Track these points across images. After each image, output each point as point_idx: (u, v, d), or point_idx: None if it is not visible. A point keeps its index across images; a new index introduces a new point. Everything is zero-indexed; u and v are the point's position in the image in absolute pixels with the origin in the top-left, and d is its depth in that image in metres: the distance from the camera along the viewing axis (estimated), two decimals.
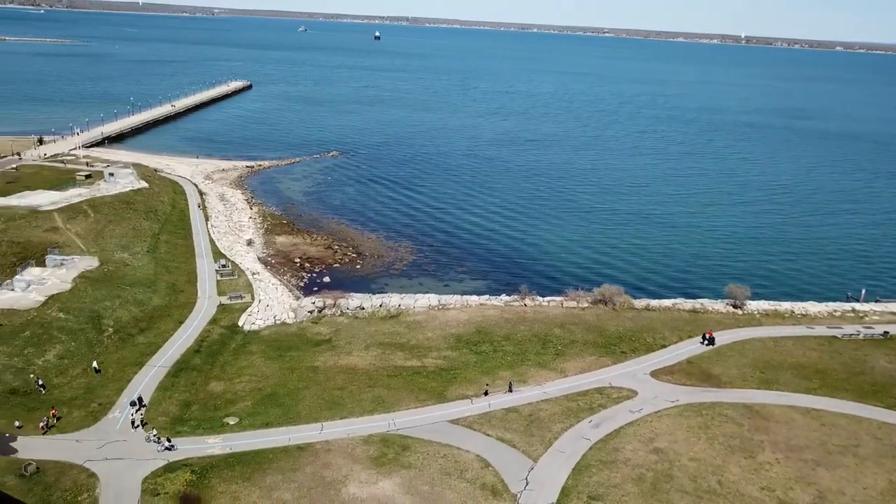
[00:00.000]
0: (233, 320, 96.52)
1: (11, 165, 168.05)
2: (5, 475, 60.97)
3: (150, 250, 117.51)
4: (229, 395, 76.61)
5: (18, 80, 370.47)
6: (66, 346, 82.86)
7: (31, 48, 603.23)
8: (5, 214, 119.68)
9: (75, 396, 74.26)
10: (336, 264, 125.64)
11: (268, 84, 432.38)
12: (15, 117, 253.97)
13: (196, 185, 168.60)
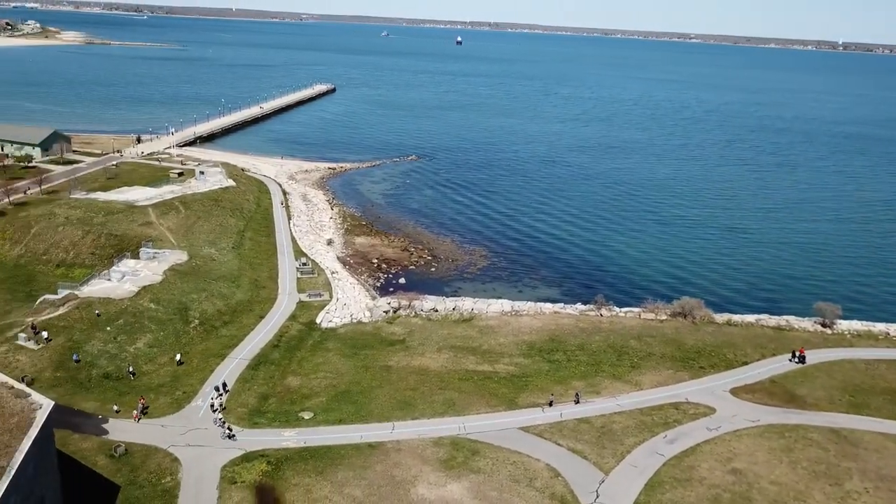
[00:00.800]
0: (311, 317, 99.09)
1: (112, 162, 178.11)
2: (97, 455, 64.62)
3: (235, 247, 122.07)
4: (305, 391, 78.68)
5: (121, 83, 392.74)
6: (155, 336, 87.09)
7: (133, 52, 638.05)
8: (105, 208, 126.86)
9: (162, 384, 77.93)
10: (412, 266, 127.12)
11: (351, 87, 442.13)
12: (117, 117, 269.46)
13: (280, 185, 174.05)
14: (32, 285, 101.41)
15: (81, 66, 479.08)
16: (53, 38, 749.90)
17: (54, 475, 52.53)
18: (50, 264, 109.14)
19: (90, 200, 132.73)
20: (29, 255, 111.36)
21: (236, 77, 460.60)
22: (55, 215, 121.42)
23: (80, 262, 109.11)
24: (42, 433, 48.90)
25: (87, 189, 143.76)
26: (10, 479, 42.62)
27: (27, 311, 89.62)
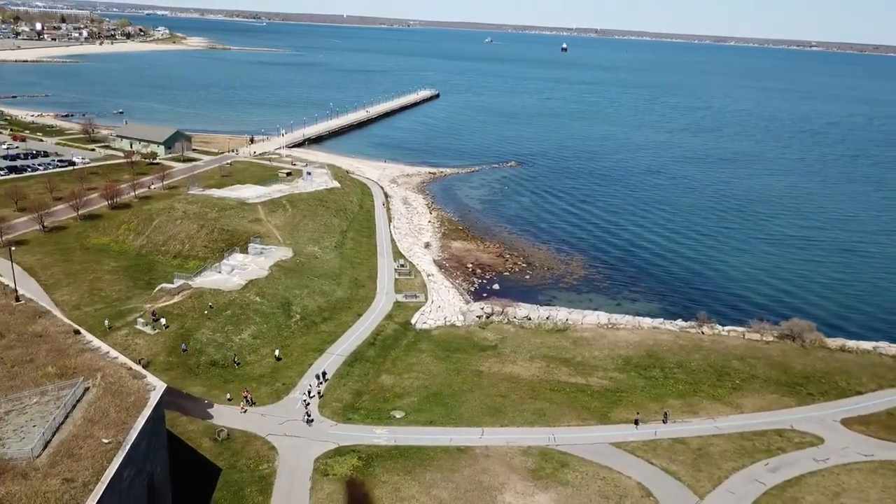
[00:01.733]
0: (406, 318, 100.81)
1: (227, 161, 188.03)
2: (202, 437, 68.30)
3: (337, 246, 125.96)
4: (398, 390, 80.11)
5: (238, 86, 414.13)
6: (259, 328, 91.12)
7: (251, 57, 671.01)
8: (219, 205, 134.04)
9: (263, 374, 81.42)
10: (506, 272, 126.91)
11: (454, 93, 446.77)
12: (233, 118, 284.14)
13: (382, 188, 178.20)
14: (151, 274, 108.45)
15: (203, 70, 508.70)
16: (180, 44, 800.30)
17: (164, 453, 55.88)
18: (168, 255, 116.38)
19: (206, 196, 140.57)
20: (150, 246, 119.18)
21: (345, 81, 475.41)
22: (174, 209, 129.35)
23: (195, 255, 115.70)
24: (154, 413, 52.14)
25: (203, 185, 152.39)
26: (126, 454, 45.71)
27: (146, 297, 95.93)
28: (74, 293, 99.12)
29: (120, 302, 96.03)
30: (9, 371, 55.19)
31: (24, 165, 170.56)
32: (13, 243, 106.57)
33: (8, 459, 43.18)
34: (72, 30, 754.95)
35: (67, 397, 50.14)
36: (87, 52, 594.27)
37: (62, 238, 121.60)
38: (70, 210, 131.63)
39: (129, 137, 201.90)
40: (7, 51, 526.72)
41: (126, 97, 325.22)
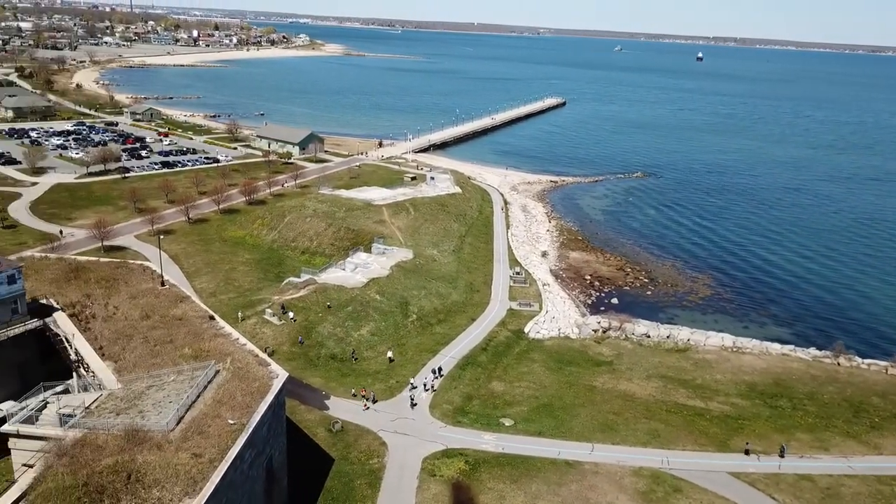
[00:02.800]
0: (520, 326, 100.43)
1: (356, 164, 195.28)
2: (318, 427, 71.21)
3: (455, 250, 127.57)
4: (508, 397, 79.94)
5: (370, 91, 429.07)
6: (377, 325, 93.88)
7: (384, 63, 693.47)
8: (347, 205, 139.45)
9: (378, 371, 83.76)
10: (626, 287, 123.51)
11: (581, 102, 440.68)
12: (364, 122, 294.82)
13: (502, 195, 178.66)
14: (281, 267, 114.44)
15: (338, 75, 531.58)
16: (318, 50, 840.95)
17: (282, 439, 58.78)
18: (296, 250, 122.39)
19: (335, 196, 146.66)
20: (281, 241, 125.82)
21: (472, 89, 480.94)
22: (305, 207, 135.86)
23: (321, 251, 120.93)
24: (276, 400, 54.98)
25: (333, 186, 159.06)
26: (248, 436, 48.51)
27: (274, 290, 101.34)
28: (212, 281, 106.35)
29: (251, 292, 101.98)
30: (152, 350, 60.09)
31: (175, 161, 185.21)
32: (162, 232, 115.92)
33: (147, 431, 46.97)
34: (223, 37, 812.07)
35: (200, 378, 53.85)
36: (235, 57, 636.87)
37: (204, 230, 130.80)
38: (212, 204, 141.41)
39: (267, 138, 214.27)
40: (167, 56, 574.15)
41: (267, 100, 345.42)
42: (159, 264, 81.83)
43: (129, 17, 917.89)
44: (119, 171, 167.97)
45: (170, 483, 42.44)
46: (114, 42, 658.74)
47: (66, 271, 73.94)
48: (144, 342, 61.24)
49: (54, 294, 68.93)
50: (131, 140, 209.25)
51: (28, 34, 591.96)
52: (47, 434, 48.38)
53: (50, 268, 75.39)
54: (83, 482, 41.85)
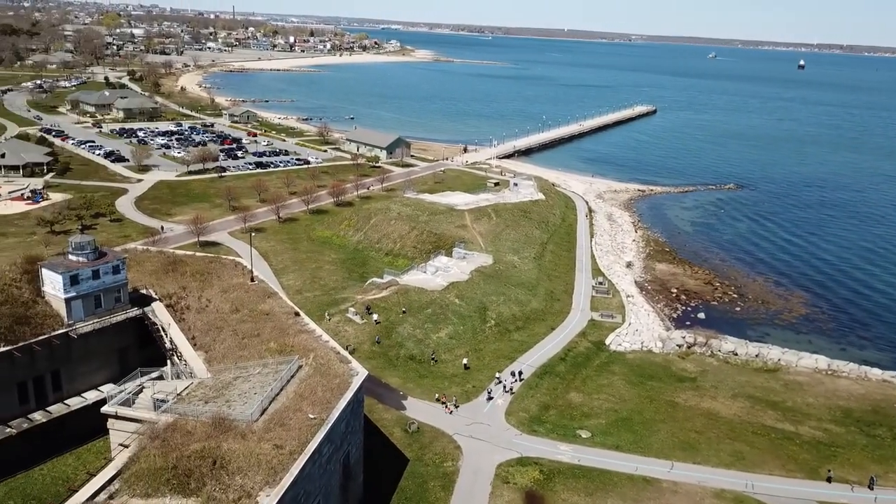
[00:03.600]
0: (600, 337, 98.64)
1: (441, 168, 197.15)
2: (394, 427, 72.20)
3: (536, 257, 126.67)
4: (585, 409, 78.66)
5: (457, 97, 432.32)
6: (455, 329, 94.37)
7: (471, 69, 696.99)
8: (430, 209, 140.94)
9: (455, 374, 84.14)
10: (714, 302, 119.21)
11: (672, 110, 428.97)
12: (450, 128, 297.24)
13: (587, 203, 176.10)
14: (365, 268, 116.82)
15: (426, 81, 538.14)
16: (408, 56, 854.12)
17: (360, 436, 59.96)
18: (380, 252, 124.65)
19: (419, 200, 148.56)
20: (366, 242, 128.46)
21: (560, 95, 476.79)
22: (390, 210, 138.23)
23: (404, 254, 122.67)
24: (355, 397, 56.16)
25: (417, 190, 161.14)
26: (327, 431, 49.75)
27: (358, 289, 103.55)
28: (298, 279, 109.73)
29: (335, 291, 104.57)
30: (240, 342, 62.59)
31: (268, 162, 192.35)
32: (254, 230, 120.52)
33: (232, 420, 48.94)
34: (318, 42, 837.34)
35: (284, 372, 55.67)
36: (328, 62, 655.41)
37: (293, 229, 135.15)
38: (302, 204, 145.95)
39: (356, 141, 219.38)
40: (264, 61, 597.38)
41: (357, 104, 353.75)
42: (250, 261, 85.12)
43: (231, 24, 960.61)
44: (216, 171, 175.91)
45: (252, 471, 44.05)
46: (216, 47, 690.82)
47: (165, 264, 78.03)
48: (233, 335, 63.86)
49: (153, 285, 72.87)
50: (228, 141, 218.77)
51: (140, 40, 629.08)
52: (142, 417, 51.20)
53: (150, 260, 79.77)
54: (172, 465, 44.03)
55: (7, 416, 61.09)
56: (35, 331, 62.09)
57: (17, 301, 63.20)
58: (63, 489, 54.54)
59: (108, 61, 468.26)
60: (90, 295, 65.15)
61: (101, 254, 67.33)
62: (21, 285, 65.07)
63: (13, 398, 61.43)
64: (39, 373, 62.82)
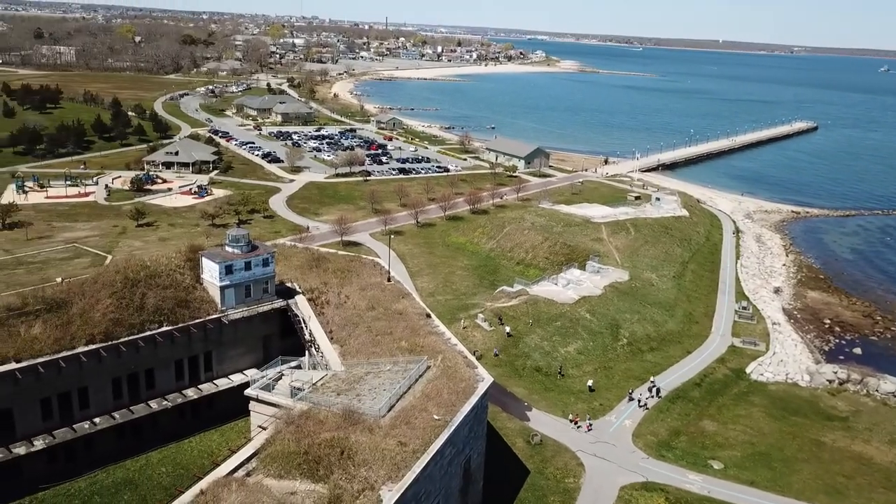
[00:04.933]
0: (741, 365, 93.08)
1: (579, 180, 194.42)
2: (517, 437, 71.97)
3: (675, 276, 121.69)
4: (719, 439, 74.53)
5: (600, 108, 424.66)
6: (585, 344, 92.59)
7: (618, 80, 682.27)
8: (565, 220, 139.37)
9: (582, 390, 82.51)
10: (873, 336, 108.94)
11: (836, 128, 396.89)
12: (590, 139, 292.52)
13: (734, 222, 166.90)
14: (496, 276, 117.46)
15: (570, 91, 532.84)
16: (553, 66, 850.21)
17: (482, 442, 60.33)
18: (512, 261, 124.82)
19: (554, 211, 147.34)
20: (498, 250, 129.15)
21: (712, 109, 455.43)
22: (524, 220, 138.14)
23: (535, 264, 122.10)
24: (480, 403, 56.60)
25: (553, 201, 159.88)
26: (450, 433, 50.50)
27: (487, 296, 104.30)
28: (432, 282, 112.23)
29: (466, 296, 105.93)
30: (373, 339, 64.99)
31: (410, 168, 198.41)
32: (393, 233, 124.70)
33: (361, 413, 50.90)
34: (464, 52, 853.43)
35: (412, 371, 57.16)
36: (472, 72, 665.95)
37: (430, 233, 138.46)
38: (439, 210, 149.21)
39: (495, 150, 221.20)
40: (412, 70, 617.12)
41: (499, 114, 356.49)
42: (388, 261, 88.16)
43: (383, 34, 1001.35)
44: (362, 174, 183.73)
45: (376, 465, 45.58)
46: (368, 56, 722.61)
47: (310, 260, 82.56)
48: (367, 331, 66.42)
49: (297, 279, 77.31)
50: (374, 146, 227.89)
51: (300, 49, 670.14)
52: (280, 402, 54.47)
53: (297, 256, 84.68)
54: (304, 450, 46.49)
55: (165, 390, 67.11)
56: (193, 314, 67.80)
57: (180, 286, 69.29)
58: (207, 462, 59.11)
59: (271, 69, 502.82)
60: (242, 284, 70.21)
61: (254, 247, 72.39)
62: (184, 272, 71.26)
63: (171, 375, 67.40)
64: (194, 353, 68.51)
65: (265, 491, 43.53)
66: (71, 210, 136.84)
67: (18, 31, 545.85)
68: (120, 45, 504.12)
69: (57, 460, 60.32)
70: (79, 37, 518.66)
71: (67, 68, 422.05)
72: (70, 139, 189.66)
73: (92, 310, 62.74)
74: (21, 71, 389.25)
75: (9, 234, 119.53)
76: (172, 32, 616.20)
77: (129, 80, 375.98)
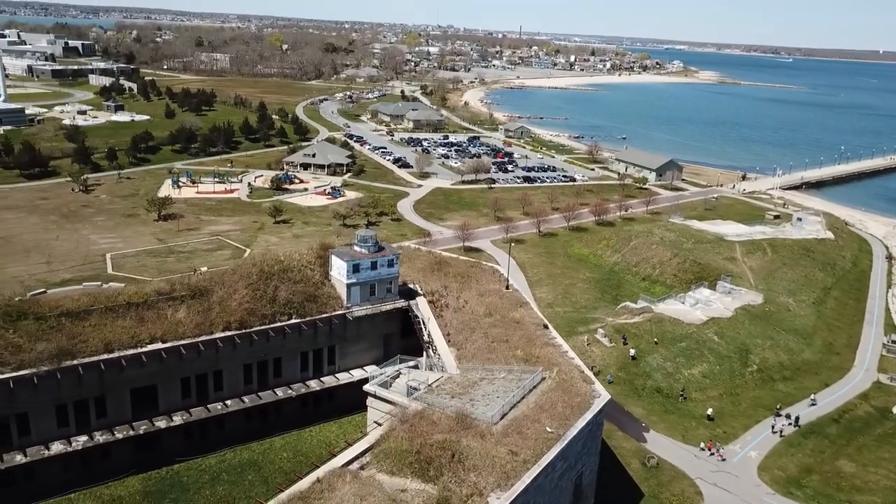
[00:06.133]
0: (886, 403, 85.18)
1: (713, 195, 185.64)
2: (632, 458, 69.70)
3: (815, 302, 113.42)
4: (858, 482, 68.60)
5: (740, 122, 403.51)
6: (711, 367, 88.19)
7: (761, 93, 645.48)
8: (696, 237, 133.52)
9: (704, 415, 78.60)
10: None
11: None
12: (727, 153, 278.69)
13: (887, 248, 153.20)
14: (619, 290, 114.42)
15: (708, 104, 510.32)
16: (691, 77, 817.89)
17: (595, 459, 58.94)
18: (637, 276, 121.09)
19: (685, 227, 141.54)
20: (622, 264, 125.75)
21: (868, 125, 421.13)
22: (652, 234, 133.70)
23: (662, 281, 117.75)
24: (595, 419, 55.34)
25: (684, 216, 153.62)
26: (563, 447, 49.73)
27: (609, 311, 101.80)
28: (551, 293, 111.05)
29: (586, 310, 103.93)
30: (489, 345, 65.24)
31: (535, 177, 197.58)
32: (514, 241, 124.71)
33: (474, 418, 51.21)
34: (598, 62, 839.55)
35: (527, 381, 56.82)
36: (605, 81, 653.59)
37: (551, 243, 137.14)
38: (562, 220, 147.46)
39: (625, 161, 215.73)
40: (543, 79, 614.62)
41: (631, 124, 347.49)
42: (507, 269, 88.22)
43: (516, 43, 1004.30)
44: (487, 182, 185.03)
45: (486, 471, 45.68)
46: (500, 65, 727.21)
47: (432, 263, 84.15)
48: (484, 337, 66.76)
49: (419, 281, 78.99)
50: (501, 154, 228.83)
51: (434, 57, 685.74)
52: (396, 401, 55.86)
53: (420, 258, 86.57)
54: (416, 450, 47.38)
55: (290, 379, 70.63)
56: (320, 309, 70.93)
57: (310, 281, 72.73)
58: (325, 452, 61.58)
59: (405, 76, 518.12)
60: (367, 283, 72.67)
61: (380, 248, 74.73)
62: (314, 268, 74.73)
63: (296, 365, 70.86)
64: (319, 346, 71.63)
65: (377, 486, 44.75)
66: (217, 205, 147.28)
67: (182, 40, 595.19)
68: (269, 52, 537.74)
69: (192, 436, 65.00)
70: (233, 45, 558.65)
71: (221, 74, 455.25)
72: (220, 139, 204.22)
73: (230, 299, 67.17)
74: (182, 76, 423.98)
75: (163, 225, 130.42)
76: (316, 41, 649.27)
77: (275, 86, 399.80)
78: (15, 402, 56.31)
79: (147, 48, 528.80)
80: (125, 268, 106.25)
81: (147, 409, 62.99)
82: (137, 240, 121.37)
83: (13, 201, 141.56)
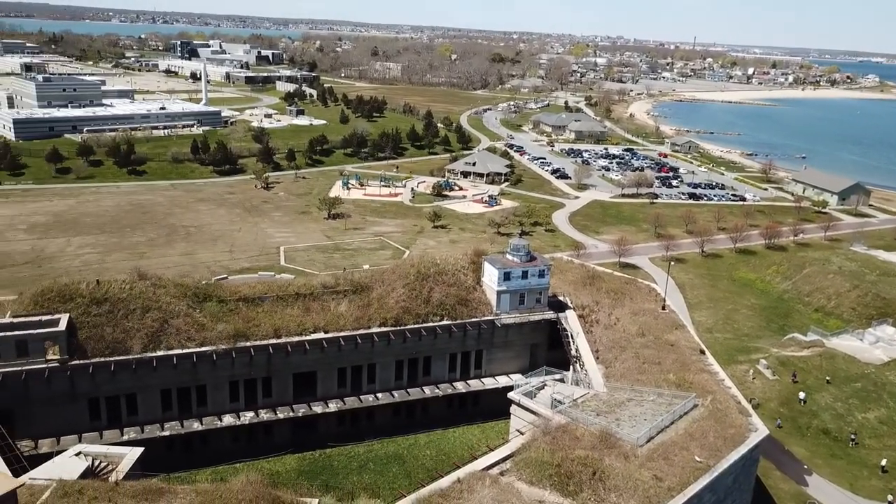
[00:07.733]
0: None
1: None
2: (790, 501, 64.64)
3: None
4: None
5: None
6: (890, 413, 79.68)
7: None
8: (882, 268, 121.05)
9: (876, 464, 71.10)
10: None
11: None
12: None
13: None
14: (786, 320, 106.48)
15: None
16: (888, 93, 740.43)
17: (748, 496, 55.46)
18: (809, 306, 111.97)
19: (868, 257, 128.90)
20: (793, 293, 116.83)
21: None
22: (830, 262, 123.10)
23: (838, 314, 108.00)
24: (750, 454, 52.12)
25: (868, 245, 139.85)
26: (712, 479, 47.32)
27: (774, 341, 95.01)
28: (710, 317, 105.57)
29: (749, 338, 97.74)
30: (640, 366, 63.44)
31: (701, 194, 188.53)
32: (674, 259, 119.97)
33: (618, 438, 50.13)
34: (778, 75, 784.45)
35: (678, 406, 54.65)
36: (785, 96, 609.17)
37: (714, 265, 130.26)
38: (728, 241, 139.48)
39: (803, 182, 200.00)
40: (716, 92, 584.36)
41: (813, 143, 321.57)
42: (664, 289, 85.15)
43: (689, 55, 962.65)
44: (648, 197, 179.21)
45: (627, 493, 44.58)
46: (671, 77, 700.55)
47: (584, 277, 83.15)
48: (635, 357, 65.00)
49: (570, 294, 78.38)
50: (665, 169, 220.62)
51: (601, 68, 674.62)
52: (540, 411, 55.91)
53: (572, 271, 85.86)
54: (557, 463, 47.19)
55: (438, 379, 72.83)
56: (470, 313, 72.59)
57: (462, 285, 74.63)
58: (466, 454, 62.87)
59: (570, 87, 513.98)
60: (517, 292, 73.30)
61: (532, 258, 75.10)
62: (467, 273, 76.57)
63: (445, 366, 72.94)
64: (467, 349, 73.31)
65: (515, 493, 45.10)
66: (381, 207, 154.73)
67: (360, 49, 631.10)
68: (438, 62, 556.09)
69: (344, 423, 69.01)
70: (405, 54, 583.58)
71: (393, 82, 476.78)
72: (388, 145, 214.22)
73: (387, 296, 70.56)
74: (357, 83, 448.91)
75: (332, 223, 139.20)
76: (484, 51, 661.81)
77: (441, 95, 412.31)
78: (197, 375, 62.85)
79: (328, 57, 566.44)
80: (296, 261, 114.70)
81: (306, 394, 67.72)
82: (308, 235, 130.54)
83: (206, 194, 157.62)
